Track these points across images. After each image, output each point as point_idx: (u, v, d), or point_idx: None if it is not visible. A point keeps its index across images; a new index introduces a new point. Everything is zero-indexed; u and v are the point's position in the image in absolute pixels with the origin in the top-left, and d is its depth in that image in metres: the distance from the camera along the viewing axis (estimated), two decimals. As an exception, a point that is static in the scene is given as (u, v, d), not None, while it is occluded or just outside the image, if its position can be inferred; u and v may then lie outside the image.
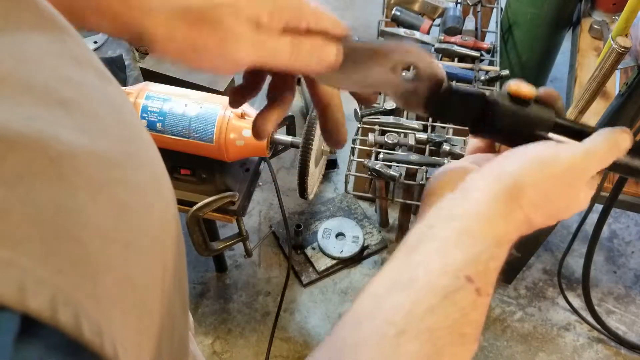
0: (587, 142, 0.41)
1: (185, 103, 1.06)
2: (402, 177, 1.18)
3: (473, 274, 0.36)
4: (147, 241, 0.25)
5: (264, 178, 1.93)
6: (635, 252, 1.88)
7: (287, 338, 1.66)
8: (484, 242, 0.37)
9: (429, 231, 0.38)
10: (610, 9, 1.63)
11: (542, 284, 1.80)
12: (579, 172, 0.39)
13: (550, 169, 0.38)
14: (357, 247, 1.76)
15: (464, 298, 0.35)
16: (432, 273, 0.35)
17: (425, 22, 1.44)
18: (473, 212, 0.37)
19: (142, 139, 0.28)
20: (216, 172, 1.15)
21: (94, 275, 0.20)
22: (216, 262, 1.76)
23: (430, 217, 0.38)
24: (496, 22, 1.56)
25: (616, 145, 0.41)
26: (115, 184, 0.23)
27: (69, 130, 0.21)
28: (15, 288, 0.16)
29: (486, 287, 0.36)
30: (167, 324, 0.27)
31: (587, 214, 1.33)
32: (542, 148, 0.40)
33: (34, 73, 0.22)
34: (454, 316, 0.35)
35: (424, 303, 0.34)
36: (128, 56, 1.41)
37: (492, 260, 0.37)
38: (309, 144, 1.07)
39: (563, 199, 0.40)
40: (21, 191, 0.18)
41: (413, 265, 0.36)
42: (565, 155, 0.39)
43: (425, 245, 0.37)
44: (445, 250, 0.36)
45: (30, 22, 0.24)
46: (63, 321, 0.18)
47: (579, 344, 1.68)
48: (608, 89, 1.39)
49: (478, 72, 1.33)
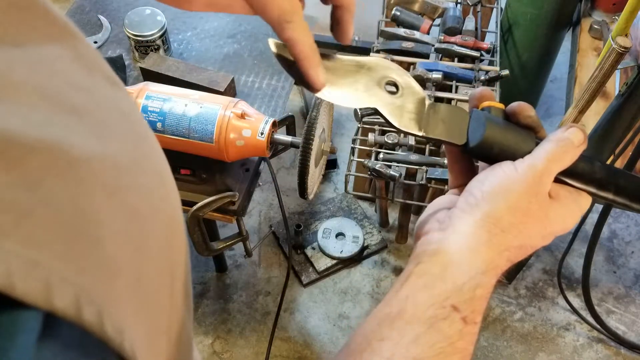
0: (537, 148, 0.42)
1: (185, 103, 1.06)
2: (402, 177, 1.18)
3: (459, 303, 0.37)
4: (155, 245, 0.25)
5: (264, 178, 1.93)
6: (635, 252, 1.88)
7: (287, 338, 1.66)
8: (469, 272, 0.38)
9: (416, 268, 0.39)
10: (610, 9, 1.63)
11: (542, 284, 1.80)
12: (541, 178, 0.41)
13: (515, 186, 0.40)
14: (357, 247, 1.76)
15: (449, 327, 0.36)
16: (419, 305, 0.37)
17: (425, 22, 1.44)
18: (456, 244, 0.39)
19: (149, 143, 0.28)
20: (216, 172, 1.15)
21: (111, 276, 0.20)
22: (216, 262, 1.76)
23: (418, 255, 0.40)
24: (496, 22, 1.56)
25: (567, 141, 0.42)
26: (126, 189, 0.23)
27: (82, 136, 0.22)
28: (41, 287, 0.17)
29: (473, 315, 0.37)
30: (175, 328, 0.28)
31: (587, 213, 1.33)
32: (502, 172, 0.41)
33: (47, 80, 0.22)
34: (440, 345, 0.36)
35: (410, 334, 0.35)
36: (128, 56, 1.41)
37: (479, 288, 0.38)
38: (309, 144, 1.07)
39: (541, 211, 0.41)
40: (42, 194, 0.18)
41: (401, 299, 0.38)
42: (522, 168, 0.41)
43: (413, 281, 0.39)
44: (431, 284, 0.38)
45: (43, 31, 0.24)
46: (88, 320, 0.18)
47: (579, 344, 1.68)
48: (608, 89, 1.39)
49: (478, 72, 1.33)
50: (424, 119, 0.44)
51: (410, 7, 1.47)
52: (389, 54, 1.38)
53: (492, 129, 0.42)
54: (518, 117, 0.44)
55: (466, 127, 0.44)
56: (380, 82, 0.44)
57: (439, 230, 0.41)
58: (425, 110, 0.45)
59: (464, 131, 0.44)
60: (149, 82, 1.12)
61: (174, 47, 1.44)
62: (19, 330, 0.17)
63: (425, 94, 0.45)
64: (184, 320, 0.30)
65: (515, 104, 0.44)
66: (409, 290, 0.38)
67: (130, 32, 1.34)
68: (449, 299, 0.37)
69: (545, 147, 0.42)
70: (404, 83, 0.45)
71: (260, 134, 1.05)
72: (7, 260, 0.16)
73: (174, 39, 1.44)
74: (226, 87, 1.23)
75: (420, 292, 0.37)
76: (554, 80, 2.23)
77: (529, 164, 0.41)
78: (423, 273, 0.39)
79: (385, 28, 1.44)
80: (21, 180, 0.18)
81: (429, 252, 0.40)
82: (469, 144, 0.44)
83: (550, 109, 2.21)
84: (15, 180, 0.18)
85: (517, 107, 0.44)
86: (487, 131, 0.42)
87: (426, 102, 0.45)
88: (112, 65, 1.87)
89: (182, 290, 0.29)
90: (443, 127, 0.44)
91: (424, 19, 1.45)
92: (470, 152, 0.44)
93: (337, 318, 1.70)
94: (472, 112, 0.45)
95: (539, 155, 0.41)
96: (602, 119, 1.17)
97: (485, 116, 0.43)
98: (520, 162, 0.41)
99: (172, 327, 0.27)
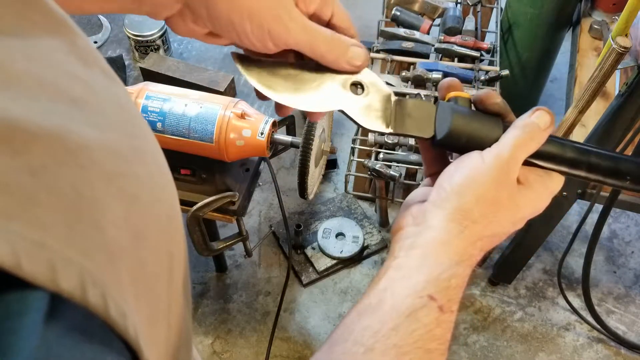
0: (504, 136, 0.43)
1: (185, 103, 1.06)
2: (402, 177, 1.18)
3: (435, 292, 0.39)
4: (155, 233, 0.25)
5: (264, 178, 1.93)
6: (635, 252, 1.88)
7: (287, 338, 1.66)
8: (444, 263, 0.40)
9: (393, 262, 0.41)
10: (610, 9, 1.63)
11: (542, 284, 1.80)
12: (508, 166, 0.42)
13: (482, 177, 0.41)
14: (357, 247, 1.76)
15: (427, 315, 0.38)
16: (397, 296, 0.39)
17: (425, 22, 1.44)
18: (430, 238, 0.41)
19: (147, 136, 0.28)
20: (216, 172, 1.15)
21: (112, 260, 0.21)
22: (216, 262, 1.76)
23: (395, 251, 0.42)
24: (496, 22, 1.56)
25: (532, 125, 0.43)
26: (125, 177, 0.24)
27: (81, 125, 0.22)
28: (47, 268, 0.17)
29: (449, 304, 0.39)
30: (174, 317, 0.28)
31: (587, 214, 1.33)
32: (470, 164, 0.42)
33: (46, 72, 0.23)
34: (418, 332, 0.37)
35: (389, 323, 0.37)
36: (128, 56, 1.41)
37: (454, 278, 0.40)
38: (309, 144, 1.07)
39: (509, 199, 0.42)
40: (45, 179, 0.19)
41: (380, 291, 0.40)
42: (489, 157, 0.42)
43: (390, 274, 0.40)
44: (408, 276, 0.40)
45: (41, 24, 0.25)
46: (92, 302, 0.18)
47: (579, 344, 1.68)
48: (608, 89, 1.39)
49: (478, 72, 1.33)
50: (391, 115, 0.45)
51: (410, 7, 1.47)
52: (389, 54, 1.38)
53: (458, 119, 0.43)
54: (485, 104, 0.44)
55: (433, 120, 0.45)
56: (345, 84, 0.45)
57: (413, 225, 0.42)
58: (392, 107, 0.45)
59: (432, 124, 0.45)
60: (149, 82, 1.12)
61: (174, 47, 1.44)
62: (27, 310, 0.17)
63: (390, 91, 0.46)
64: (183, 311, 0.30)
65: (481, 92, 0.45)
66: (387, 283, 0.40)
67: (130, 32, 1.34)
68: (426, 289, 0.39)
69: (511, 134, 0.43)
70: (369, 82, 0.45)
71: (260, 134, 1.05)
72: (14, 241, 0.17)
73: (173, 39, 1.44)
74: (226, 87, 1.23)
75: (397, 283, 0.39)
76: (554, 80, 2.23)
77: (496, 154, 0.41)
78: (400, 267, 0.40)
79: (385, 28, 1.44)
80: (26, 165, 0.19)
81: (405, 247, 0.41)
82: (437, 136, 0.44)
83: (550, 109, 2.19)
84: (20, 166, 0.18)
85: (483, 95, 0.44)
86: (454, 122, 0.43)
87: (392, 98, 0.46)
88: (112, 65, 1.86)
89: (180, 281, 0.29)
90: (410, 121, 0.45)
91: (424, 19, 1.45)
92: (439, 144, 0.45)
93: (337, 318, 1.70)
94: (439, 105, 0.45)
95: (505, 143, 0.42)
96: (602, 119, 1.17)
97: (452, 107, 0.44)
98: (487, 152, 0.42)
99: (171, 316, 0.27)
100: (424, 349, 0.37)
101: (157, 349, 0.25)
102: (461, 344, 1.67)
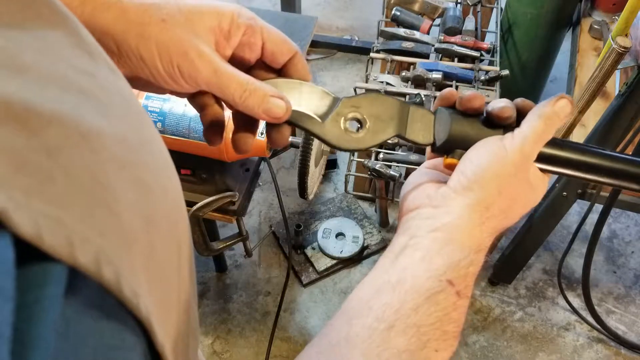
0: (524, 126, 0.43)
1: (185, 103, 1.06)
2: (402, 177, 1.18)
3: (454, 278, 0.40)
4: (164, 220, 0.26)
5: (264, 178, 1.93)
6: (635, 252, 1.88)
7: (287, 338, 1.66)
8: (464, 251, 0.41)
9: (412, 241, 0.41)
10: (610, 9, 1.63)
11: (542, 284, 1.80)
12: (529, 162, 0.43)
13: (506, 172, 0.41)
14: (357, 247, 1.76)
15: (445, 299, 0.39)
16: (417, 277, 0.39)
17: (425, 22, 1.44)
18: (453, 224, 0.41)
19: (151, 129, 0.29)
20: (216, 172, 1.15)
21: (126, 243, 0.21)
22: (216, 262, 1.76)
23: (412, 229, 0.42)
24: (496, 22, 1.56)
25: (555, 117, 0.43)
26: (135, 165, 0.24)
27: (90, 114, 0.22)
28: (66, 243, 0.18)
29: (466, 290, 0.41)
30: (183, 304, 0.28)
31: (587, 213, 1.33)
32: (492, 153, 0.42)
33: (54, 64, 0.23)
34: (437, 315, 0.39)
35: (410, 302, 0.38)
36: (128, 56, 1.41)
37: (472, 266, 0.41)
38: (309, 144, 1.07)
39: (524, 195, 0.44)
40: (62, 161, 0.19)
41: (399, 270, 0.40)
42: (512, 150, 0.42)
43: (410, 253, 0.41)
44: (429, 258, 0.40)
45: (47, 17, 0.25)
46: (107, 278, 0.19)
47: (579, 344, 1.68)
48: (608, 89, 1.39)
49: (478, 72, 1.33)
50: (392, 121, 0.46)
51: (410, 7, 1.47)
52: (389, 54, 1.38)
53: (456, 125, 0.44)
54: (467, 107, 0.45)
55: (432, 127, 0.46)
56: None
57: (430, 207, 0.43)
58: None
59: (431, 131, 0.46)
60: (149, 82, 1.12)
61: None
62: (48, 281, 0.17)
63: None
64: (191, 301, 0.30)
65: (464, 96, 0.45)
66: (406, 262, 0.40)
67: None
68: (446, 274, 0.40)
69: (532, 124, 0.42)
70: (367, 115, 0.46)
71: (261, 134, 1.05)
72: (35, 215, 0.17)
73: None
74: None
75: (418, 265, 0.40)
76: (554, 80, 2.23)
77: (519, 149, 0.42)
78: (420, 247, 0.41)
79: (385, 28, 1.44)
80: (42, 146, 0.19)
81: (425, 227, 0.42)
82: (436, 142, 0.46)
83: (550, 109, 2.21)
84: (37, 146, 0.18)
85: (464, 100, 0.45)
86: (452, 129, 0.44)
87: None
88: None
89: (187, 271, 0.29)
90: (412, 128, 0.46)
91: (424, 19, 1.45)
92: (439, 150, 0.46)
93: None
94: (437, 112, 0.47)
95: (528, 136, 0.42)
96: (602, 119, 1.17)
97: (449, 114, 0.45)
98: (509, 141, 0.42)
99: (180, 302, 0.28)
100: (441, 330, 0.39)
101: (169, 334, 0.25)
102: (461, 344, 1.67)
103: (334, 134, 0.45)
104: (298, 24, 1.44)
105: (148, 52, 0.38)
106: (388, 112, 0.46)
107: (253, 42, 0.43)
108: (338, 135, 0.45)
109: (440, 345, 0.38)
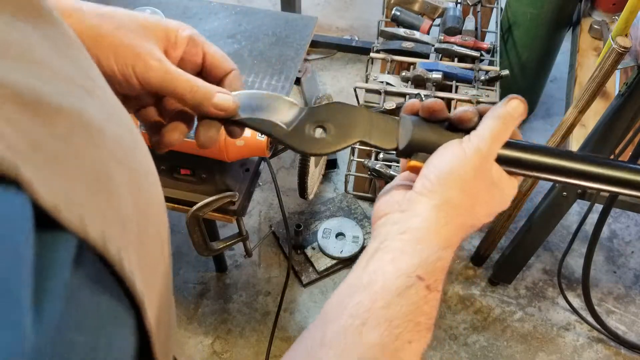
0: (480, 127, 0.45)
1: (185, 103, 1.06)
2: (402, 177, 1.18)
3: (423, 273, 0.42)
4: (153, 217, 0.28)
5: (264, 178, 1.93)
6: (635, 252, 1.88)
7: (287, 338, 1.66)
8: (431, 248, 0.43)
9: (382, 245, 0.43)
10: (610, 9, 1.63)
11: (542, 284, 1.80)
12: (487, 159, 0.45)
13: (465, 171, 0.44)
14: (357, 247, 1.76)
15: (415, 293, 0.41)
16: (387, 276, 0.41)
17: (425, 22, 1.44)
18: (420, 226, 0.43)
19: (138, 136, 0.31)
20: (216, 172, 1.15)
21: (124, 228, 0.23)
22: (216, 262, 1.76)
23: (383, 234, 0.44)
24: (496, 22, 1.56)
25: (509, 117, 0.45)
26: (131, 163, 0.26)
27: (94, 111, 0.24)
28: (78, 218, 0.20)
29: (435, 283, 0.42)
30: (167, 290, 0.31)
31: (587, 214, 1.32)
32: (453, 155, 0.45)
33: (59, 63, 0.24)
34: (408, 308, 0.40)
35: (381, 300, 0.40)
36: (128, 56, 1.41)
37: (440, 261, 0.43)
38: (309, 144, 1.07)
39: (487, 193, 0.45)
40: (72, 148, 0.21)
41: (371, 272, 0.42)
42: (470, 151, 0.44)
43: (380, 257, 0.43)
44: (398, 258, 0.42)
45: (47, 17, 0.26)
46: (111, 254, 0.21)
47: (579, 344, 1.68)
48: (608, 89, 1.39)
49: (478, 72, 1.33)
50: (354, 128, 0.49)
51: (410, 7, 1.47)
52: (389, 54, 1.38)
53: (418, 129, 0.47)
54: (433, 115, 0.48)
55: (396, 133, 0.49)
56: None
57: (398, 212, 0.45)
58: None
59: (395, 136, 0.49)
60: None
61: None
62: (60, 247, 0.19)
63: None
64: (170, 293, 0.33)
65: (426, 103, 0.48)
66: (377, 265, 0.42)
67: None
68: (415, 271, 0.41)
69: (488, 125, 0.45)
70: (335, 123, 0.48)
71: (261, 134, 1.05)
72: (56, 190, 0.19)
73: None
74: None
75: (388, 265, 0.42)
76: (554, 80, 2.23)
77: (476, 148, 0.44)
78: (390, 250, 0.43)
79: (385, 28, 1.44)
80: (54, 133, 0.20)
81: (394, 231, 0.44)
82: (399, 147, 0.48)
83: (550, 109, 2.21)
84: (50, 132, 0.20)
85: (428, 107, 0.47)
86: (414, 132, 0.46)
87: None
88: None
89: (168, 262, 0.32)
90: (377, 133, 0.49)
91: (424, 19, 1.45)
92: (402, 153, 0.48)
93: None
94: (401, 119, 0.49)
95: (484, 136, 0.44)
96: (602, 119, 1.17)
97: (411, 120, 0.48)
98: (467, 143, 0.45)
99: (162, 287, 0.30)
100: (413, 322, 0.40)
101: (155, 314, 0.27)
102: (461, 344, 1.67)
103: (299, 139, 0.48)
104: (298, 24, 1.44)
105: (104, 55, 0.42)
106: (352, 119, 0.48)
107: (195, 52, 0.48)
108: (301, 140, 0.48)
109: (413, 336, 0.40)
